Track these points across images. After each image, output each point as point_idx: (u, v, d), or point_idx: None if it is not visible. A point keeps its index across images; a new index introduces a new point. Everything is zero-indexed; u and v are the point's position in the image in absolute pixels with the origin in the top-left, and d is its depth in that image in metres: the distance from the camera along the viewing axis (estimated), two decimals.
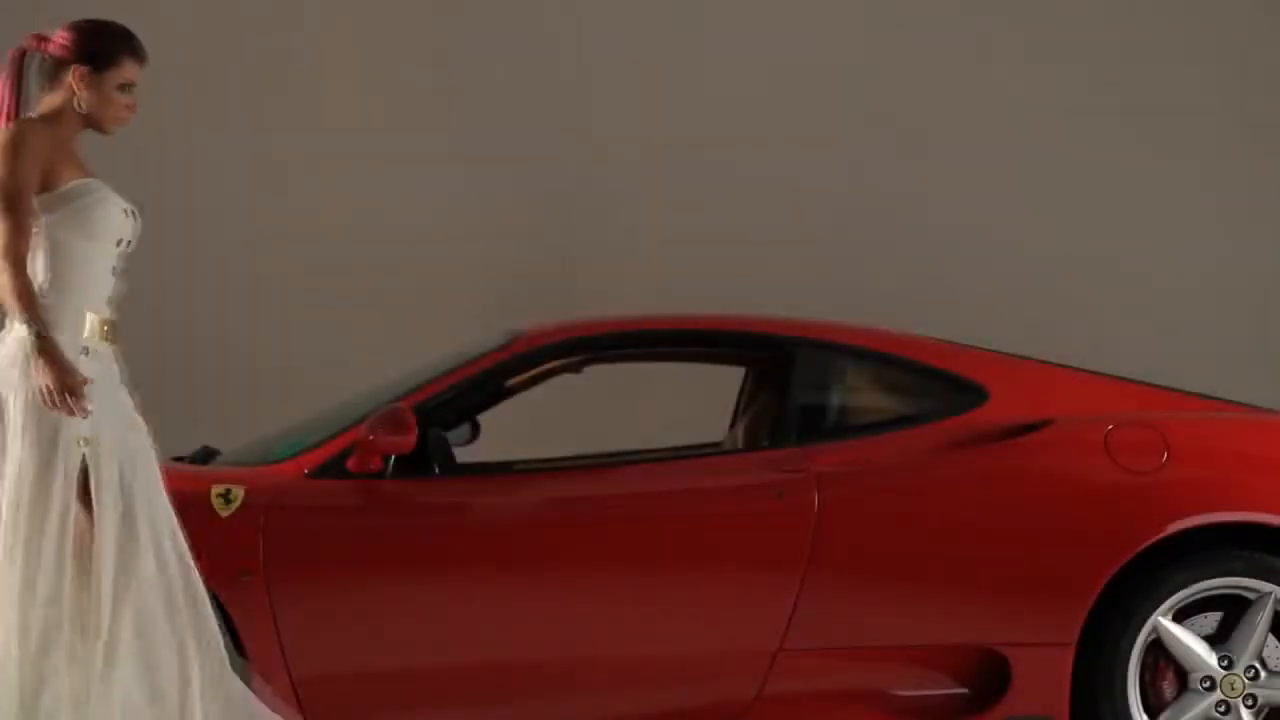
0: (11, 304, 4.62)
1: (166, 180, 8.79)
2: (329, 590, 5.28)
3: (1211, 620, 5.49)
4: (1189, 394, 5.89)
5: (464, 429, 6.14)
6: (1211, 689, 5.42)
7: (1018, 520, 5.42)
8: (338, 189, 8.43)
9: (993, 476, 5.47)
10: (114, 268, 4.83)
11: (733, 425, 6.34)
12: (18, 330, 4.64)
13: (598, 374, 6.17)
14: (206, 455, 5.96)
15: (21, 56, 4.86)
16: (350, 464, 5.37)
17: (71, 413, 4.56)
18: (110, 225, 4.80)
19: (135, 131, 9.18)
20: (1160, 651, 5.45)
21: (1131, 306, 8.82)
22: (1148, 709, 5.44)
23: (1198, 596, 5.44)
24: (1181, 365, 7.76)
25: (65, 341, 4.64)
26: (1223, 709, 5.42)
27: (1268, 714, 5.45)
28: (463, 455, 5.88)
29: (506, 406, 6.17)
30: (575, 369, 6.07)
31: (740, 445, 6.09)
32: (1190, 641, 5.43)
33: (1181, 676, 5.45)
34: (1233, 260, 8.90)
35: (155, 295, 8.75)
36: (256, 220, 8.79)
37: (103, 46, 4.83)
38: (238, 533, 5.32)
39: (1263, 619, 5.43)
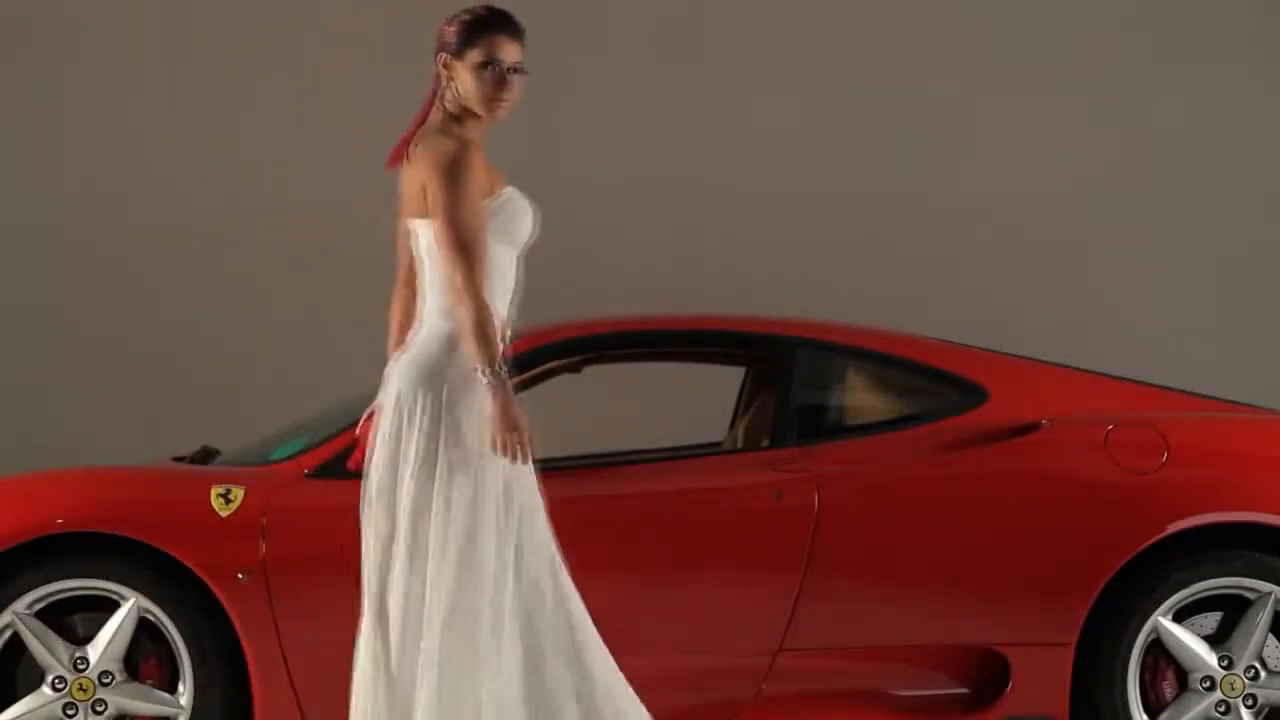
0: (470, 343, 4.48)
1: (168, 180, 8.79)
2: (329, 590, 5.27)
3: (1211, 620, 5.49)
4: (1189, 394, 5.89)
5: None
6: (1211, 689, 5.42)
7: (1017, 520, 5.42)
8: (339, 188, 8.42)
9: (993, 476, 5.47)
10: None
11: (733, 425, 6.33)
12: (428, 344, 4.57)
13: (598, 374, 6.16)
14: (206, 455, 5.96)
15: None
16: (350, 463, 5.35)
17: (518, 459, 4.56)
18: (526, 231, 4.75)
19: (134, 130, 9.19)
20: (1160, 651, 5.45)
21: (1130, 306, 8.81)
22: (1148, 709, 5.44)
23: (1198, 596, 5.44)
24: (1181, 365, 7.76)
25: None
26: (1223, 709, 5.42)
27: (1268, 714, 5.45)
28: None
29: None
30: (575, 369, 6.06)
31: (740, 445, 6.09)
32: (1190, 641, 5.43)
33: (1181, 676, 5.45)
34: (1233, 260, 8.89)
35: (155, 295, 8.77)
36: (257, 220, 8.79)
37: (460, 29, 4.67)
38: (238, 533, 5.31)
39: (1263, 619, 5.42)
